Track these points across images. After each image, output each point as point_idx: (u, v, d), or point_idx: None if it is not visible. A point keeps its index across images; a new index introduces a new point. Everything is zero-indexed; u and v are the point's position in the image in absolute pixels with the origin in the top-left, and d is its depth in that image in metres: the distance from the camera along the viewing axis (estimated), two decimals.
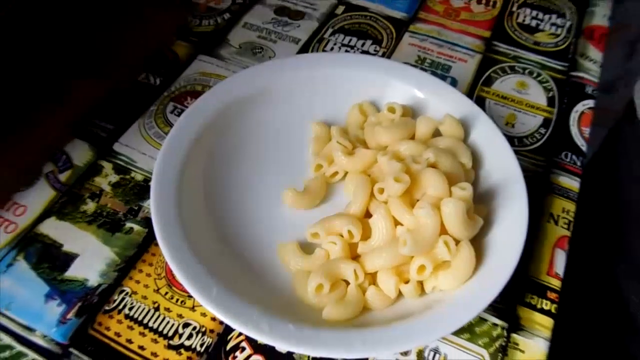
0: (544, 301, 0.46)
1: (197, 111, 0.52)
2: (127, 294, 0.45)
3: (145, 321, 0.44)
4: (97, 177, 0.52)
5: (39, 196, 0.51)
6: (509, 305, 0.46)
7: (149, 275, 0.46)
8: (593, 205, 0.65)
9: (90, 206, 0.50)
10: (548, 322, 0.45)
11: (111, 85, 0.58)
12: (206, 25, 0.68)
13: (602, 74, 0.66)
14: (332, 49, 0.66)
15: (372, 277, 0.44)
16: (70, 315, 0.44)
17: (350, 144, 0.51)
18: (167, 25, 0.65)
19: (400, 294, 0.44)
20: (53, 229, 0.49)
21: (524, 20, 0.72)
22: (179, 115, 0.57)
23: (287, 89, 0.56)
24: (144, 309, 0.44)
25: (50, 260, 0.47)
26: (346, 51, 0.66)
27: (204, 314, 0.44)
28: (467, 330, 0.44)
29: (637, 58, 1.55)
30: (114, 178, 0.53)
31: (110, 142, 0.55)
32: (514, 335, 0.44)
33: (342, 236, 0.45)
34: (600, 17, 0.73)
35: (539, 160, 0.56)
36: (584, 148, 0.58)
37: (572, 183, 0.55)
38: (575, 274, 0.53)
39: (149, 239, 0.48)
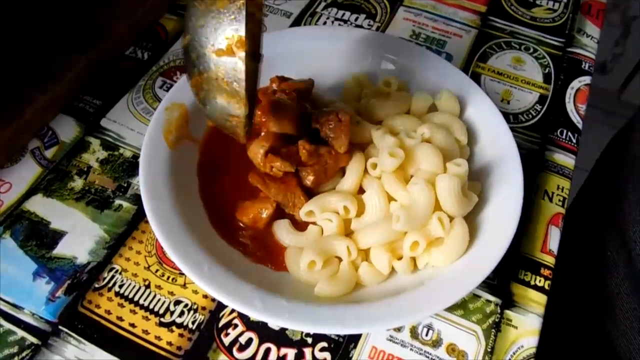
0: (538, 278, 0.46)
1: (186, 85, 0.50)
2: (117, 271, 0.44)
3: (136, 299, 0.43)
4: (84, 154, 0.51)
5: (25, 173, 0.49)
6: (503, 281, 0.46)
7: (139, 252, 0.46)
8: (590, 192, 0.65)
9: (77, 183, 0.49)
10: (541, 298, 0.45)
11: (98, 60, 0.56)
12: None
13: (597, 54, 0.65)
14: (325, 23, 0.65)
15: (365, 254, 0.44)
16: (59, 293, 0.43)
17: (353, 113, 0.50)
18: None
19: (393, 270, 0.43)
20: (40, 206, 0.48)
21: None
22: (168, 90, 0.56)
23: (280, 63, 0.54)
24: (134, 286, 0.44)
25: (37, 238, 0.46)
26: (339, 25, 0.65)
27: (195, 292, 0.44)
28: (461, 307, 0.44)
29: (632, 38, 1.55)
30: (102, 154, 0.51)
31: (97, 118, 0.54)
32: (508, 312, 0.44)
33: (337, 213, 0.45)
34: None
35: (534, 137, 0.56)
36: (579, 125, 0.57)
37: (567, 160, 0.54)
38: (569, 251, 0.53)
39: (139, 216, 0.47)
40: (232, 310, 0.43)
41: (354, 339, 0.42)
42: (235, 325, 0.42)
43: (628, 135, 0.64)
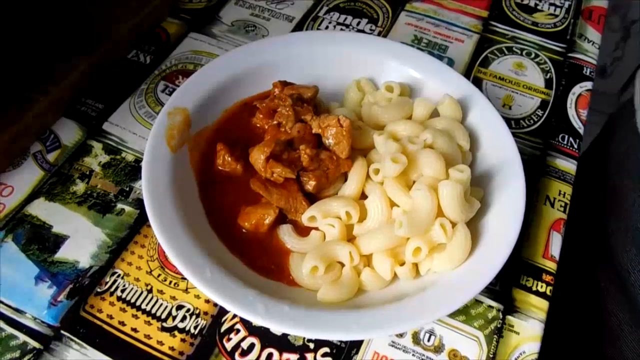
0: (539, 283, 0.46)
1: (188, 90, 0.51)
2: (119, 276, 0.44)
3: (138, 303, 0.43)
4: (86, 157, 0.51)
5: (27, 177, 0.49)
6: (505, 287, 0.46)
7: (141, 257, 0.46)
8: (588, 189, 0.65)
9: (80, 187, 0.49)
10: (543, 304, 0.45)
11: (100, 63, 0.56)
12: (197, 2, 0.66)
13: (597, 58, 0.65)
14: (327, 27, 0.65)
15: (367, 259, 0.44)
16: (61, 298, 0.43)
17: (355, 118, 0.50)
18: (158, 2, 0.63)
19: (395, 276, 0.43)
20: (42, 209, 0.48)
21: (522, 0, 0.70)
22: (170, 94, 0.56)
23: (282, 67, 0.55)
24: (136, 291, 0.44)
25: (39, 242, 0.46)
26: (341, 30, 0.65)
27: (197, 296, 0.44)
28: (463, 313, 0.44)
29: (632, 42, 1.55)
30: (104, 158, 0.51)
31: (99, 122, 0.54)
32: (509, 317, 0.44)
33: (339, 218, 0.45)
34: None
35: (536, 142, 0.56)
36: (581, 131, 0.57)
37: (568, 166, 0.54)
38: (571, 257, 0.53)
39: (141, 221, 0.47)
40: (234, 315, 0.43)
41: (356, 344, 0.42)
42: (238, 331, 0.42)
43: (603, 149, 0.63)
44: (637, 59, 1.57)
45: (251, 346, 0.42)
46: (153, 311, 0.43)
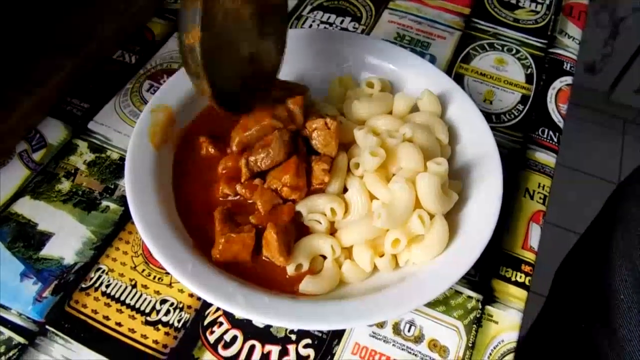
0: (518, 274, 0.47)
1: (172, 88, 0.51)
2: (103, 271, 0.45)
3: (122, 298, 0.44)
4: (72, 156, 0.52)
5: (12, 175, 0.50)
6: (484, 278, 0.47)
7: (125, 253, 0.46)
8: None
9: (65, 185, 0.50)
10: (522, 294, 0.46)
11: (85, 63, 0.57)
12: None
13: (585, 53, 0.66)
14: (310, 26, 0.66)
15: (348, 251, 0.45)
16: (46, 294, 0.43)
17: (337, 114, 0.51)
18: (144, 2, 0.63)
19: (375, 268, 0.44)
20: (27, 208, 0.48)
21: None
22: (154, 93, 0.56)
23: None
24: (121, 286, 0.44)
25: (25, 239, 0.46)
26: (325, 28, 0.65)
27: (181, 291, 0.44)
28: (443, 303, 0.45)
29: (620, 39, 1.56)
30: (89, 157, 0.52)
31: (85, 121, 0.54)
32: (489, 307, 0.45)
33: (325, 215, 0.45)
34: None
35: (517, 136, 0.57)
36: (560, 124, 0.58)
37: (548, 159, 0.55)
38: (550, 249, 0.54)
39: (126, 217, 0.48)
40: (217, 309, 0.43)
41: (337, 335, 0.43)
42: (220, 324, 0.43)
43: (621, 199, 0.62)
44: (626, 56, 1.58)
45: (234, 338, 0.42)
46: (137, 305, 0.43)
